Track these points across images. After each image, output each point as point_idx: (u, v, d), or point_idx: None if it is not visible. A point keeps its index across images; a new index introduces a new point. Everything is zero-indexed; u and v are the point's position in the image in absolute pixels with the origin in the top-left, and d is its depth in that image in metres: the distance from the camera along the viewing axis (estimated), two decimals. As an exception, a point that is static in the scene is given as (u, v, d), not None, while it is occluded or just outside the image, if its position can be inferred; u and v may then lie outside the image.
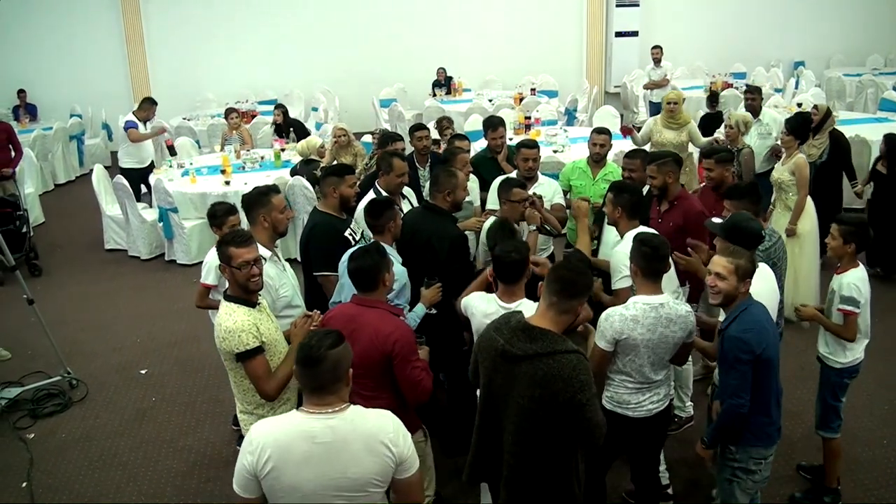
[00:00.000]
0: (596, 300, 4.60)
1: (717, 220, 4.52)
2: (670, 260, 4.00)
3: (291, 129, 11.13)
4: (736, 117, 7.62)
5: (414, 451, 2.82)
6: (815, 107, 7.98)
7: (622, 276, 4.46)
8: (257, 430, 2.80)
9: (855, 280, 4.32)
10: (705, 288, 5.30)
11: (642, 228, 4.69)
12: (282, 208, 4.48)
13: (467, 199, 5.93)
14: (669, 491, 4.73)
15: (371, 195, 5.26)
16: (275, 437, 2.74)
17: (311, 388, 2.78)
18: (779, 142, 7.81)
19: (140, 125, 10.15)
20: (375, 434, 2.73)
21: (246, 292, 3.72)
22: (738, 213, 4.53)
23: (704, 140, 8.43)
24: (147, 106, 10.35)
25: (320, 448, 2.70)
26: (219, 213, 5.14)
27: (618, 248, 4.65)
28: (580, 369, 3.11)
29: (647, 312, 3.72)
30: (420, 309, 4.34)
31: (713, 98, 11.47)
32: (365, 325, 3.67)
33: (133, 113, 10.35)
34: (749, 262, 3.66)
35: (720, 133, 8.49)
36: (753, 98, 8.54)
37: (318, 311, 3.99)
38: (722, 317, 3.90)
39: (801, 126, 7.12)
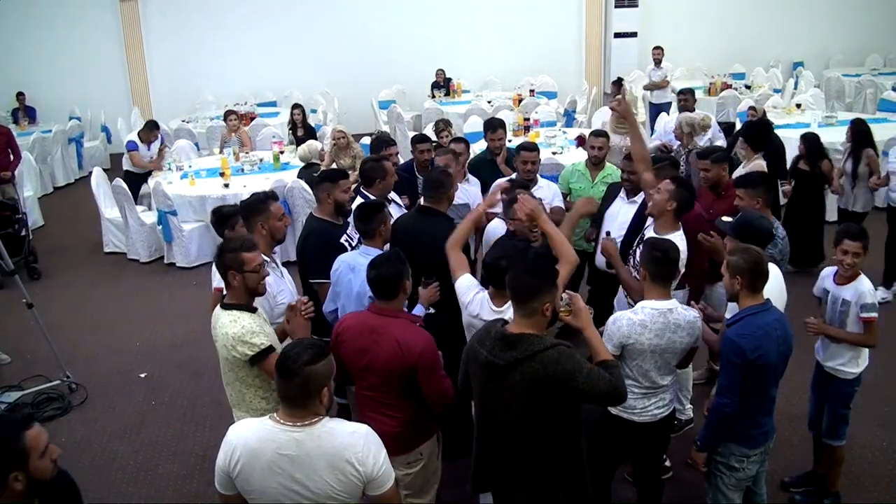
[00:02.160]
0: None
1: (727, 219, 4.51)
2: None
3: (298, 131, 11.12)
4: (680, 119, 7.75)
5: (387, 469, 2.81)
6: (753, 108, 8.13)
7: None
8: (233, 431, 2.86)
9: (870, 287, 4.32)
10: (705, 290, 5.35)
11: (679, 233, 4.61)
12: (280, 215, 4.50)
13: (464, 201, 5.95)
14: (667, 464, 4.78)
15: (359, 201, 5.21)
16: (245, 440, 2.79)
17: (283, 397, 2.80)
18: (718, 143, 8.06)
19: (142, 147, 10.44)
20: (341, 452, 2.73)
21: (251, 296, 3.75)
22: (747, 211, 4.56)
23: (651, 146, 8.48)
24: (150, 129, 10.64)
25: (284, 460, 2.73)
26: (220, 218, 4.93)
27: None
28: (562, 361, 3.11)
29: (655, 318, 3.71)
30: (419, 309, 4.34)
31: (618, 82, 11.68)
32: (387, 336, 3.63)
33: (137, 134, 10.63)
34: (745, 260, 3.65)
35: (658, 139, 8.66)
36: (686, 99, 8.77)
37: (305, 298, 3.98)
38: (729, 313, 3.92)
39: (752, 133, 7.23)
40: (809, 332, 4.45)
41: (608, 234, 5.19)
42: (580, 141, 8.69)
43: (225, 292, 3.85)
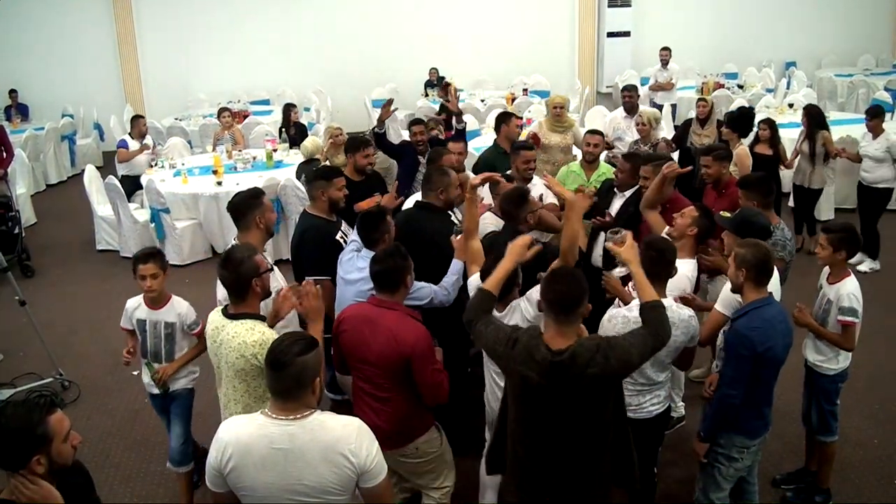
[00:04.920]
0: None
1: (725, 214, 4.55)
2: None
3: (290, 130, 11.14)
4: (646, 114, 7.92)
5: (379, 461, 2.82)
6: (704, 100, 8.35)
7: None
8: (224, 428, 2.86)
9: (853, 290, 4.33)
10: (700, 286, 5.37)
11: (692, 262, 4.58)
12: (271, 208, 4.54)
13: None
14: (654, 469, 4.79)
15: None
16: (237, 436, 2.79)
17: (275, 391, 2.80)
18: (661, 134, 8.23)
19: (132, 142, 10.29)
20: (334, 444, 2.74)
21: (262, 298, 3.72)
22: (746, 208, 4.62)
23: None
24: (135, 123, 10.54)
25: (277, 454, 2.74)
26: (133, 259, 4.49)
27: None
28: (614, 355, 3.08)
29: None
30: (456, 265, 4.38)
31: (445, 86, 12.04)
32: (383, 327, 3.67)
33: (128, 133, 10.58)
34: (753, 254, 3.72)
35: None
36: (630, 96, 9.03)
37: (293, 285, 3.91)
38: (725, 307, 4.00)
39: (738, 120, 7.43)
40: (795, 315, 4.45)
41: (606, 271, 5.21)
42: (535, 140, 8.72)
43: (228, 302, 3.72)
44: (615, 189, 5.82)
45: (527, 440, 3.30)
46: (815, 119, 8.24)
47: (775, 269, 4.30)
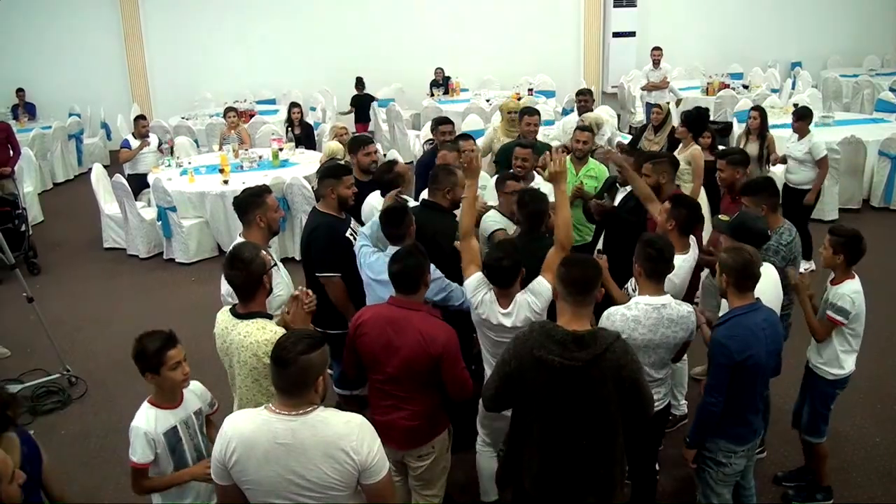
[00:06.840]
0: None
1: (724, 217, 4.56)
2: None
3: (295, 129, 11.23)
4: (589, 119, 7.98)
5: (381, 458, 2.85)
6: (659, 106, 8.52)
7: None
8: (228, 422, 2.89)
9: (850, 292, 4.33)
10: (700, 286, 5.39)
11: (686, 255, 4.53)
12: (275, 207, 4.54)
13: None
14: (656, 466, 4.83)
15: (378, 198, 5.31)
16: (241, 431, 2.82)
17: (278, 387, 2.83)
18: (617, 139, 8.48)
19: (133, 142, 10.52)
20: (336, 441, 2.76)
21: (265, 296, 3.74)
22: (744, 212, 4.59)
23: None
24: (136, 123, 10.77)
25: (280, 449, 2.76)
26: (150, 352, 3.57)
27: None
28: (628, 349, 3.22)
29: (648, 313, 3.74)
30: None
31: (359, 83, 13.09)
32: (409, 328, 3.65)
33: (132, 133, 10.79)
34: (734, 259, 3.70)
35: (558, 140, 8.86)
36: (585, 100, 9.24)
37: (307, 289, 3.82)
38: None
39: (695, 119, 7.53)
40: (794, 281, 4.47)
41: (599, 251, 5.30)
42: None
43: (232, 299, 3.72)
44: (617, 184, 5.89)
45: (544, 437, 3.27)
46: (766, 121, 8.49)
47: (774, 271, 4.33)
